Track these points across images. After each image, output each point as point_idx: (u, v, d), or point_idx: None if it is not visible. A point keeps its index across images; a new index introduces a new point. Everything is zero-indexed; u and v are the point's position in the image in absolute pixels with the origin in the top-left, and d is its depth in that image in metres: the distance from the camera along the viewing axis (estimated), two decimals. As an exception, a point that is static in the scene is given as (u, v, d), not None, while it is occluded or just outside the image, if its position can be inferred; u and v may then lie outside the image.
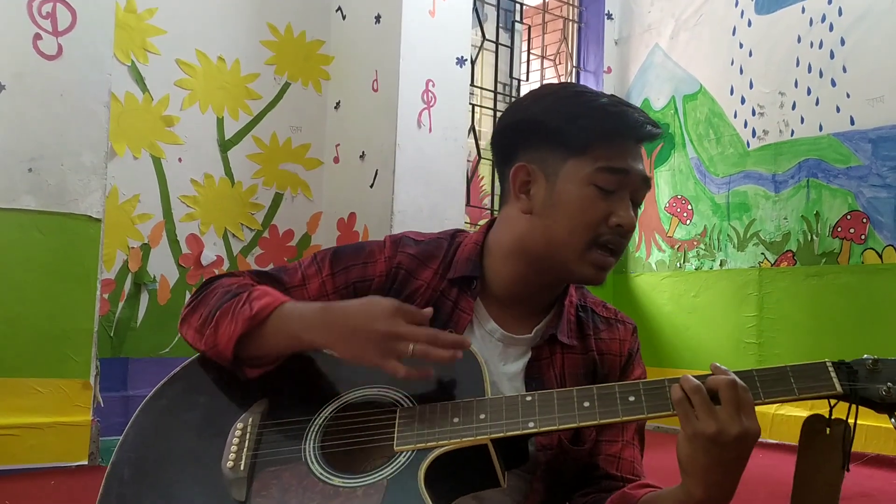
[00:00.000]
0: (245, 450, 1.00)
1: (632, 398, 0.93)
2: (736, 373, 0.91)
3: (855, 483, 3.17)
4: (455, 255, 1.16)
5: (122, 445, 1.05)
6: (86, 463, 2.92)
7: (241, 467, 0.98)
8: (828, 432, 0.91)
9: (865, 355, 0.91)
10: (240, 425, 1.03)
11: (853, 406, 0.89)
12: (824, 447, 0.91)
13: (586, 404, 0.94)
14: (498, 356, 1.13)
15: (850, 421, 0.90)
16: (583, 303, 1.20)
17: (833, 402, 0.91)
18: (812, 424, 0.93)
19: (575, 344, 1.15)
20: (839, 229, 3.92)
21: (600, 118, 1.05)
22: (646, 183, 1.09)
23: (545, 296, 1.16)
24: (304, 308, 1.05)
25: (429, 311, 1.01)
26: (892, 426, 0.83)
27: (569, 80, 5.17)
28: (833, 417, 0.91)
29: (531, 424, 0.94)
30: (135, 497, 0.99)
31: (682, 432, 0.90)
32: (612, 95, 1.11)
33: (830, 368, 0.90)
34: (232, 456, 0.99)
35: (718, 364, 0.92)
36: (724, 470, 0.88)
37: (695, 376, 0.91)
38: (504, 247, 1.13)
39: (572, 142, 1.06)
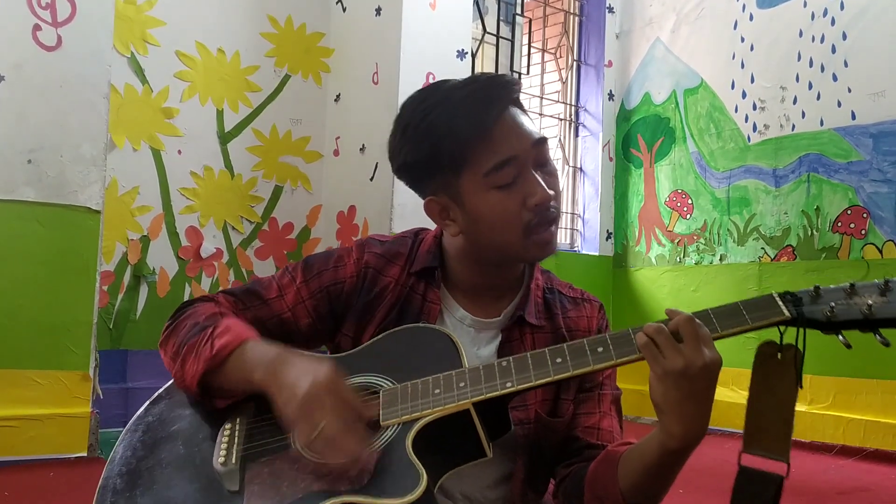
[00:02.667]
0: (235, 446, 1.02)
1: (600, 349, 0.98)
2: (692, 314, 0.97)
3: (853, 477, 3.18)
4: (418, 250, 1.21)
5: (111, 462, 1.06)
6: (85, 454, 2.93)
7: (233, 461, 0.99)
8: (779, 357, 0.98)
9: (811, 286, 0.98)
10: (228, 425, 1.06)
11: (801, 330, 0.97)
12: (776, 370, 0.99)
13: (559, 360, 0.99)
14: (470, 342, 1.17)
15: (800, 346, 0.98)
16: (549, 285, 1.25)
17: (783, 328, 0.98)
18: (764, 350, 1.00)
19: (543, 324, 1.19)
20: (839, 224, 3.92)
21: (463, 126, 1.06)
22: (541, 143, 1.10)
23: (506, 278, 1.20)
24: (261, 349, 1.05)
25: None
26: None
27: (439, 82, 5.14)
28: (784, 343, 0.98)
29: (509, 384, 0.98)
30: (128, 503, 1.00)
31: (652, 374, 0.94)
32: (464, 81, 1.10)
33: (777, 299, 0.97)
34: (222, 453, 1.01)
35: (673, 308, 0.99)
36: (696, 401, 0.94)
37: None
38: (455, 253, 1.19)
39: (452, 160, 1.08)
